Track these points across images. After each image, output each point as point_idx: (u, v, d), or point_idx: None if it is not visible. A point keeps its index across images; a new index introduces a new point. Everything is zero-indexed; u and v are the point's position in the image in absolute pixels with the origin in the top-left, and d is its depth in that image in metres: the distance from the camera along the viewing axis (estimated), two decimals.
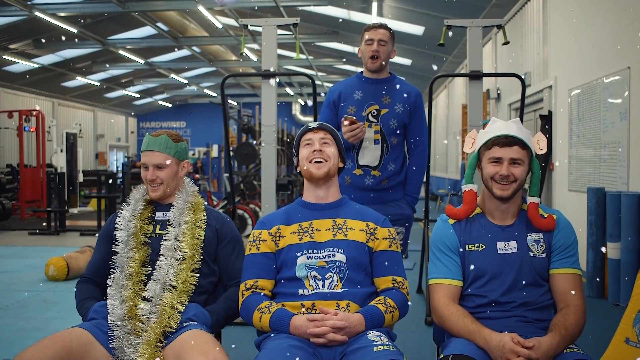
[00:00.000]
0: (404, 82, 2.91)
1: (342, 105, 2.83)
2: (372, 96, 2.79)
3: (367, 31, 2.79)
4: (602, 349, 2.22)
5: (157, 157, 1.96)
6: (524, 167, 1.74)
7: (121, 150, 23.48)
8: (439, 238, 1.83)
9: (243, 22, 3.74)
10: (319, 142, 1.86)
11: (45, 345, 1.57)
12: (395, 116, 2.78)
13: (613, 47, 4.78)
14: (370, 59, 2.75)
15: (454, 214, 1.84)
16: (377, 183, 2.78)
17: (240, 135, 10.26)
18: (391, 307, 1.72)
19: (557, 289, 1.74)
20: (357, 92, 2.81)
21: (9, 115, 11.17)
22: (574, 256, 1.76)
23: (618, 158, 4.67)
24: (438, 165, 16.00)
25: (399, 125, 2.79)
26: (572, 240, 1.77)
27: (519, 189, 1.76)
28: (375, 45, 2.74)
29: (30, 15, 10.01)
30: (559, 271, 1.74)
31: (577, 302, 1.70)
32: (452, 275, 1.78)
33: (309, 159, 1.84)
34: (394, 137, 2.80)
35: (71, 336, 1.64)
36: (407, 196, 2.88)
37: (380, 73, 2.83)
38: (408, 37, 11.03)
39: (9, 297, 4.44)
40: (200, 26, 13.03)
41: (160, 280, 1.82)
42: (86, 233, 8.29)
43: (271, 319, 1.68)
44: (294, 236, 1.81)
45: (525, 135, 1.75)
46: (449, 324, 1.72)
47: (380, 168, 2.78)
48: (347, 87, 2.86)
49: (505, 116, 8.39)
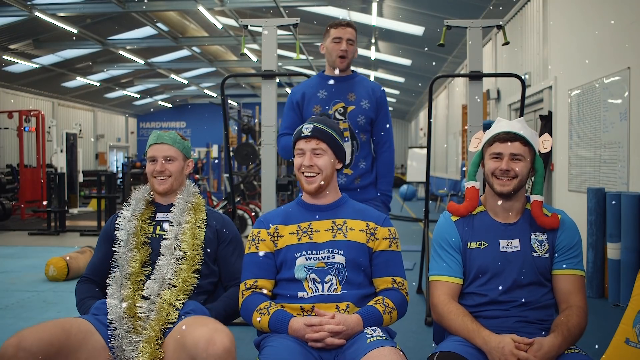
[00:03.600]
0: (366, 79, 2.92)
1: (306, 105, 2.80)
2: (336, 94, 2.78)
3: (333, 28, 2.75)
4: (602, 349, 2.22)
5: (167, 150, 1.97)
6: (524, 164, 1.74)
7: (121, 150, 23.48)
8: (441, 235, 1.83)
9: (243, 22, 3.74)
10: (310, 153, 1.79)
11: (44, 327, 1.58)
12: (362, 112, 2.77)
13: (613, 47, 4.78)
14: (339, 58, 2.73)
15: (456, 210, 1.85)
16: (350, 182, 2.77)
17: (240, 135, 10.24)
18: (390, 308, 1.72)
19: (559, 290, 1.73)
20: (321, 91, 2.79)
21: (9, 116, 11.17)
22: (577, 257, 1.75)
23: (618, 158, 4.66)
24: (438, 166, 16.00)
25: (367, 121, 2.78)
26: (576, 241, 1.76)
27: (520, 186, 1.75)
28: (344, 44, 2.72)
29: (30, 15, 10.02)
30: (562, 272, 1.74)
31: (579, 303, 1.70)
32: (452, 272, 1.78)
33: (300, 171, 1.81)
34: (363, 133, 2.79)
35: (71, 322, 1.66)
36: (381, 195, 2.87)
37: (345, 71, 2.82)
38: (408, 37, 11.03)
39: (9, 297, 4.44)
40: (200, 26, 13.03)
41: (159, 279, 1.82)
42: (86, 233, 8.29)
43: (270, 320, 1.67)
44: (292, 237, 1.80)
45: (528, 133, 1.75)
46: (447, 322, 1.72)
47: (352, 166, 2.77)
48: (310, 87, 2.84)
49: (505, 116, 8.40)
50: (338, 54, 2.73)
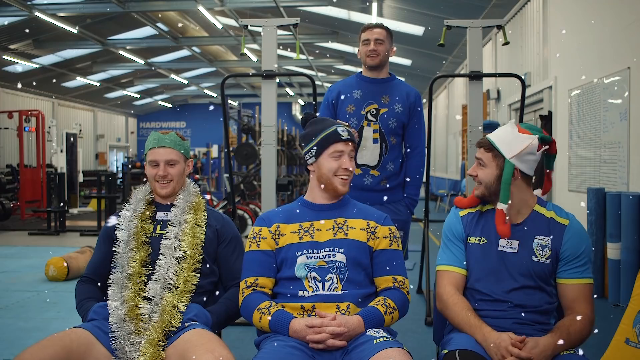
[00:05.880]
0: (403, 83, 2.92)
1: (340, 104, 2.83)
2: (371, 95, 2.80)
3: (363, 32, 2.82)
4: (602, 349, 2.21)
5: (169, 153, 1.96)
6: (488, 170, 1.75)
7: (121, 150, 23.48)
8: (448, 226, 1.87)
9: (243, 22, 3.74)
10: (348, 156, 1.82)
11: (44, 346, 1.56)
12: (395, 116, 2.78)
13: (613, 47, 4.78)
14: (368, 57, 2.79)
15: (459, 201, 1.89)
16: (376, 183, 2.78)
17: (240, 135, 10.24)
18: (391, 308, 1.72)
19: (565, 298, 1.72)
20: (356, 91, 2.82)
21: (9, 116, 11.16)
22: (584, 265, 1.71)
23: (618, 158, 4.66)
24: (438, 166, 15.99)
25: (398, 125, 2.79)
26: (583, 250, 1.71)
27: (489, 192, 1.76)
28: (372, 45, 2.77)
29: (30, 16, 10.01)
30: (568, 281, 1.71)
31: (585, 311, 1.67)
32: (458, 263, 1.80)
33: (337, 174, 1.81)
34: (393, 137, 2.80)
35: (71, 336, 1.64)
36: (406, 198, 2.89)
37: (380, 73, 2.83)
38: (408, 37, 11.03)
39: (9, 297, 4.44)
40: (200, 26, 13.03)
41: (160, 280, 1.82)
42: (86, 233, 8.29)
43: (271, 321, 1.67)
44: (294, 235, 1.79)
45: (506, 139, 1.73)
46: (450, 314, 1.73)
47: (379, 168, 2.78)
48: (345, 86, 2.86)
49: (506, 117, 8.40)
50: (367, 54, 2.79)
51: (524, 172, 1.73)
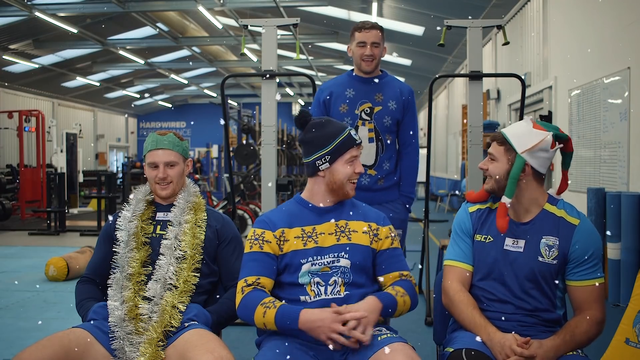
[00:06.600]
0: (396, 79, 2.89)
1: (332, 103, 2.79)
2: (364, 94, 2.76)
3: (358, 31, 2.72)
4: (602, 349, 2.21)
5: (168, 155, 1.96)
6: (498, 164, 1.73)
7: (121, 150, 23.48)
8: (457, 222, 1.87)
9: (243, 22, 3.74)
10: (358, 160, 1.80)
11: (43, 346, 1.56)
12: (389, 113, 2.76)
13: (613, 47, 4.78)
14: (364, 62, 2.72)
15: (470, 194, 1.88)
16: (373, 182, 2.77)
17: (240, 135, 10.24)
18: (402, 292, 1.70)
19: (574, 299, 1.70)
20: (349, 90, 2.77)
21: (9, 116, 11.16)
22: (594, 266, 1.67)
23: (618, 158, 4.67)
24: (438, 166, 15.99)
25: (393, 122, 2.77)
26: (592, 251, 1.67)
27: (499, 186, 1.73)
28: (368, 49, 2.70)
29: (30, 15, 10.02)
30: (577, 284, 1.68)
31: (594, 312, 1.65)
32: (466, 259, 1.79)
33: (350, 179, 1.78)
34: (389, 135, 2.78)
35: (70, 336, 1.64)
36: (402, 196, 2.87)
37: (372, 71, 2.80)
38: (408, 37, 11.03)
39: (9, 297, 4.44)
40: (200, 26, 13.03)
41: (160, 280, 1.82)
42: (86, 233, 8.29)
43: (277, 313, 1.59)
44: (298, 241, 1.74)
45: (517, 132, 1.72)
46: (456, 310, 1.72)
47: (376, 167, 2.76)
48: (337, 86, 2.82)
49: (505, 117, 8.40)
50: (363, 58, 2.72)
51: (536, 168, 1.70)
